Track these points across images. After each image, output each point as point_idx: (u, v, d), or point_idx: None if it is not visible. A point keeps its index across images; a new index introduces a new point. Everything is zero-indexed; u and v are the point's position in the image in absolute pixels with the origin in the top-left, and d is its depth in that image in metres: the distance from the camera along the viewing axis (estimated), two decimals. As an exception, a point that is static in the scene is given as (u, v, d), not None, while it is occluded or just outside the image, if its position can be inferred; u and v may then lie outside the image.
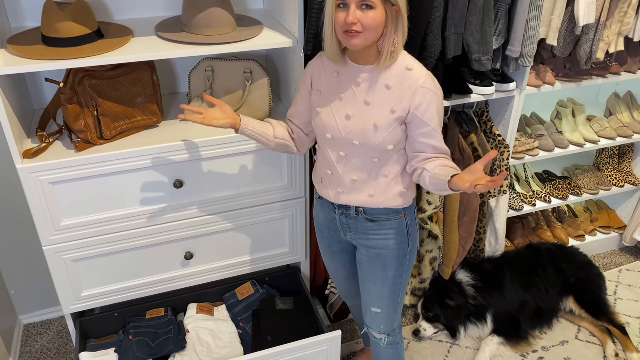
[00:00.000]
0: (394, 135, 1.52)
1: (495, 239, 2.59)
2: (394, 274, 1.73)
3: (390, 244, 1.69)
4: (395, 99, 1.49)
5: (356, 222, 1.70)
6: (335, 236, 1.81)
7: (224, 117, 1.60)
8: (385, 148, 1.53)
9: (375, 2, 1.37)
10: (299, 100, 1.68)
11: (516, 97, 2.27)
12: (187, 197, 1.90)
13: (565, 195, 2.75)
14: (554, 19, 2.09)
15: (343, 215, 1.71)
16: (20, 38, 1.71)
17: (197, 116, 1.58)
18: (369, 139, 1.52)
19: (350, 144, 1.56)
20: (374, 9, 1.37)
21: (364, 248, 1.74)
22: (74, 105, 1.71)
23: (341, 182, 1.63)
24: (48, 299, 2.50)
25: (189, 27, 1.78)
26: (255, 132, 1.65)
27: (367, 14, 1.38)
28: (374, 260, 1.72)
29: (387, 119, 1.50)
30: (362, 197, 1.63)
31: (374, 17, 1.38)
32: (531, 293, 2.50)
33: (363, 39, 1.41)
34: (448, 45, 1.93)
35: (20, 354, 2.38)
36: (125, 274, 1.97)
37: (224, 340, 2.03)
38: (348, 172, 1.61)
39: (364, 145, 1.54)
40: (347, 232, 1.75)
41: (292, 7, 1.79)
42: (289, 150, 1.74)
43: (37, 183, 1.68)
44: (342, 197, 1.66)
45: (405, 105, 1.48)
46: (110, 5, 1.92)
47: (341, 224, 1.74)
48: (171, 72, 2.13)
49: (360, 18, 1.38)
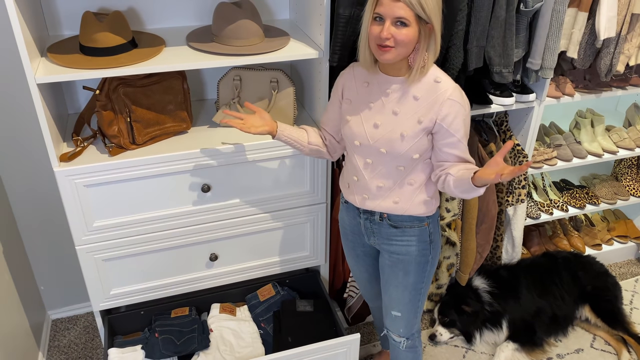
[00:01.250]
0: (419, 145, 1.57)
1: (512, 246, 2.62)
2: (415, 280, 1.78)
3: (412, 250, 1.74)
4: (423, 109, 1.54)
5: (380, 227, 1.75)
6: (359, 240, 1.87)
7: (263, 124, 1.69)
8: (411, 157, 1.59)
9: (410, 20, 1.42)
10: (330, 109, 1.75)
11: (535, 108, 2.30)
12: (213, 200, 1.96)
13: (583, 205, 2.77)
14: (574, 32, 2.12)
15: (367, 220, 1.77)
16: (59, 47, 1.79)
17: (237, 121, 1.67)
18: (395, 147, 1.58)
19: (377, 151, 1.61)
20: (408, 26, 1.43)
21: (386, 253, 1.79)
22: (108, 112, 1.79)
23: (367, 188, 1.69)
24: (75, 295, 2.59)
25: (219, 37, 1.84)
26: (291, 138, 1.74)
27: (401, 31, 1.43)
28: (396, 265, 1.77)
29: (413, 129, 1.55)
30: (387, 203, 1.68)
31: (407, 34, 1.43)
32: (547, 300, 2.53)
33: (395, 54, 1.46)
34: (470, 58, 1.97)
35: (49, 348, 2.47)
36: (152, 273, 2.04)
37: (245, 340, 2.09)
38: (374, 178, 1.66)
39: (390, 153, 1.59)
40: (371, 237, 1.80)
41: (318, 19, 1.84)
42: (322, 155, 1.82)
43: (72, 186, 1.76)
44: (367, 202, 1.71)
45: (432, 116, 1.53)
46: (144, 14, 2.00)
47: (365, 229, 1.80)
48: (200, 80, 2.20)
49: (394, 34, 1.43)
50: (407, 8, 1.40)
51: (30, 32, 1.62)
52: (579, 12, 2.09)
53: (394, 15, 1.41)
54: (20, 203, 2.28)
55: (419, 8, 1.40)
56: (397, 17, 1.41)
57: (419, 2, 1.39)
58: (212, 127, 2.02)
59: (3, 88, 2.02)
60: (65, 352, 2.46)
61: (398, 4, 1.40)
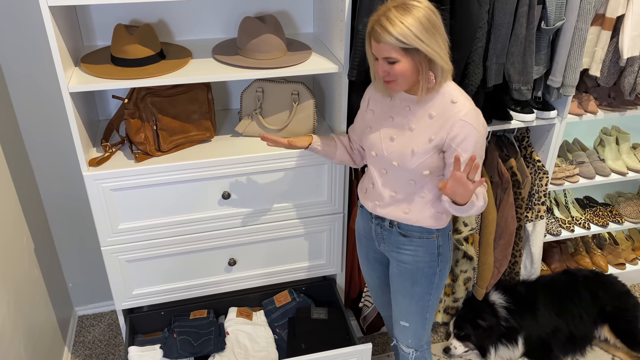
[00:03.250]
0: (430, 162, 1.60)
1: (531, 262, 2.61)
2: (422, 290, 1.81)
3: (420, 261, 1.77)
4: (435, 128, 1.58)
5: (390, 234, 1.79)
6: (372, 245, 1.91)
7: (299, 143, 1.83)
8: (421, 172, 1.62)
9: (397, 56, 1.48)
10: (358, 117, 1.84)
11: (557, 125, 2.30)
12: (234, 207, 2.03)
13: (606, 223, 2.74)
14: (597, 50, 2.11)
15: (378, 225, 1.81)
16: (92, 57, 1.89)
17: (279, 140, 1.80)
18: (405, 162, 1.62)
19: (390, 163, 1.67)
20: (398, 62, 1.49)
21: (395, 261, 1.83)
22: (135, 120, 1.87)
23: (380, 195, 1.74)
24: (101, 293, 2.69)
25: (243, 50, 1.91)
26: (323, 149, 1.87)
27: (394, 67, 1.50)
28: (404, 274, 1.81)
29: (424, 146, 1.59)
30: (397, 212, 1.73)
31: (400, 68, 1.50)
32: (565, 318, 2.51)
33: (399, 85, 1.55)
34: (489, 74, 1.99)
35: (74, 344, 2.57)
36: (173, 275, 2.12)
37: (260, 344, 2.15)
38: (387, 187, 1.72)
39: (401, 167, 1.64)
40: (381, 243, 1.85)
41: (339, 34, 1.89)
42: (349, 162, 1.91)
43: (100, 189, 1.85)
44: (379, 209, 1.76)
45: (442, 135, 1.56)
46: (173, 26, 2.08)
47: (376, 234, 1.84)
48: (224, 90, 2.27)
49: (389, 69, 1.51)
50: (389, 48, 1.46)
51: (65, 43, 1.71)
52: (602, 31, 2.09)
53: (382, 56, 1.49)
54: (52, 203, 2.40)
55: (400, 43, 1.45)
56: (384, 57, 1.49)
57: (398, 40, 1.44)
58: (234, 136, 2.09)
59: (42, 94, 2.13)
60: (90, 347, 2.55)
61: (380, 45, 1.48)
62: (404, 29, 1.42)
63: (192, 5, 2.05)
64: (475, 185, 1.46)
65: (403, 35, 1.43)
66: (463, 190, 1.47)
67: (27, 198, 2.18)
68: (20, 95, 2.12)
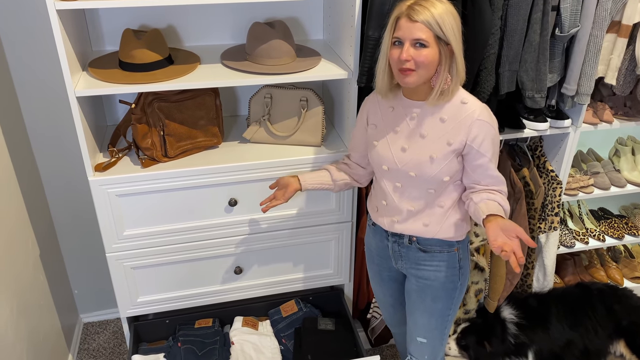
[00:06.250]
0: (450, 167, 1.56)
1: (544, 274, 2.55)
2: (443, 306, 1.76)
3: (441, 276, 1.72)
4: (451, 131, 1.54)
5: (408, 251, 1.74)
6: (386, 263, 1.85)
7: (289, 190, 1.77)
8: (442, 179, 1.58)
9: (428, 40, 1.42)
10: (356, 134, 1.77)
11: (571, 134, 2.25)
12: (240, 214, 2.00)
13: (621, 235, 2.67)
14: (613, 58, 2.07)
15: (396, 243, 1.76)
16: (100, 62, 1.88)
17: (275, 201, 1.76)
18: (424, 170, 1.57)
19: (406, 175, 1.61)
20: (427, 47, 1.43)
21: (414, 277, 1.77)
22: (142, 125, 1.85)
23: (397, 210, 1.68)
24: (107, 301, 2.67)
25: (252, 56, 1.89)
26: (316, 184, 1.80)
27: (421, 52, 1.43)
28: (424, 290, 1.75)
29: (443, 151, 1.55)
30: (417, 226, 1.67)
31: (427, 55, 1.43)
32: (578, 332, 2.44)
33: (416, 77, 1.46)
34: (501, 82, 1.95)
35: (79, 351, 2.55)
36: (178, 283, 2.09)
37: (266, 355, 2.11)
38: (404, 202, 1.66)
39: (420, 176, 1.59)
40: (399, 260, 1.79)
41: (349, 40, 1.87)
42: (351, 186, 1.86)
43: (105, 195, 1.83)
44: (397, 225, 1.70)
45: (461, 138, 1.53)
46: (182, 32, 2.07)
47: (393, 252, 1.79)
48: (233, 96, 2.26)
49: (414, 55, 1.43)
50: (426, 29, 1.41)
51: (73, 47, 1.70)
52: (618, 38, 2.04)
53: (413, 37, 1.42)
54: (59, 209, 2.39)
55: (437, 28, 1.41)
56: (415, 38, 1.42)
57: (437, 23, 1.40)
58: (242, 142, 2.06)
59: (49, 98, 2.13)
60: (94, 355, 2.53)
61: (416, 24, 1.41)
62: (443, 16, 1.41)
63: (201, 10, 2.04)
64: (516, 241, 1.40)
65: (442, 21, 1.40)
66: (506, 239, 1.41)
67: (33, 202, 2.16)
68: (28, 100, 2.12)
